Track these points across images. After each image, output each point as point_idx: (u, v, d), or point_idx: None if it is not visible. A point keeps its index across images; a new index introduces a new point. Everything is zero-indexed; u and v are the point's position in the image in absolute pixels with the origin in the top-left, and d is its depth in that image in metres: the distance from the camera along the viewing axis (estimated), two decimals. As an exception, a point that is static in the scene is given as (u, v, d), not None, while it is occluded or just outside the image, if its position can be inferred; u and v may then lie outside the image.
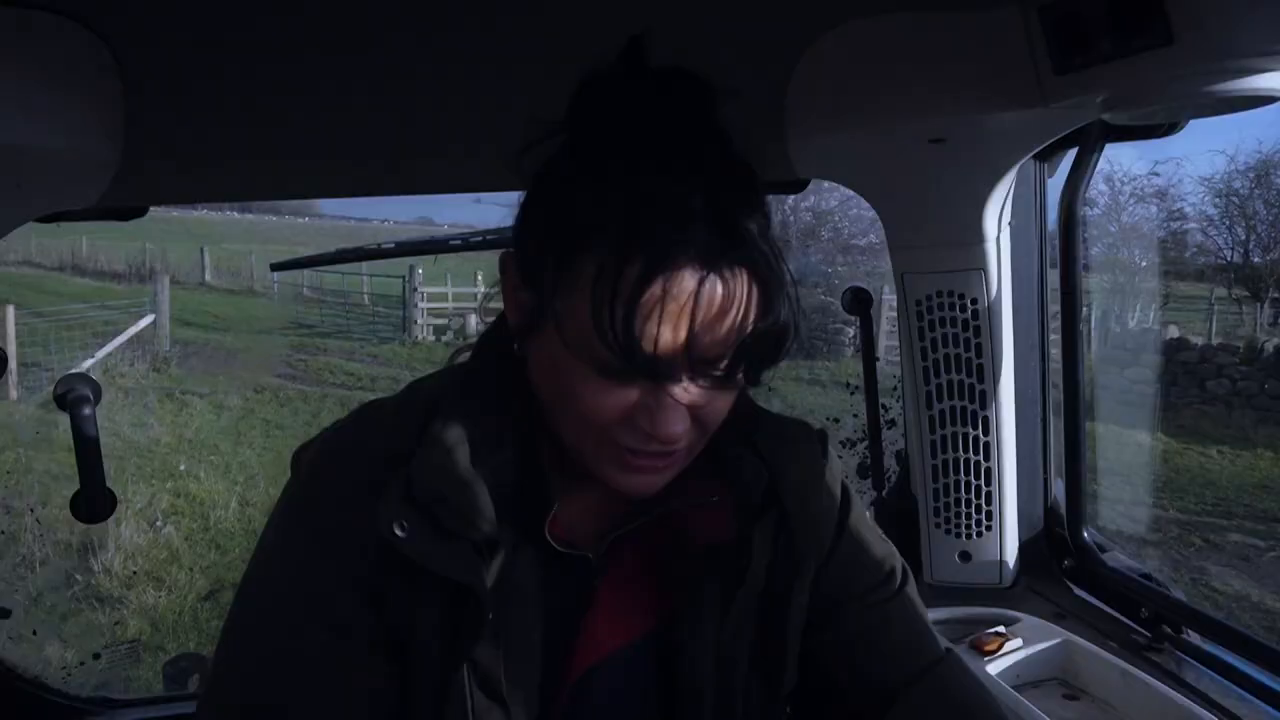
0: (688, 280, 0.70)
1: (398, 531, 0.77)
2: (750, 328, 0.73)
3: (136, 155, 1.15)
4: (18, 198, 1.15)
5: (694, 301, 0.70)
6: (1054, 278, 1.66)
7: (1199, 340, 10.45)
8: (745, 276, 0.72)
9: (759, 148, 1.34)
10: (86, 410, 1.45)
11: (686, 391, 0.75)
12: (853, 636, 0.92)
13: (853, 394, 2.05)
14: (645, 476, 0.79)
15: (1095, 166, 1.49)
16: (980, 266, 1.49)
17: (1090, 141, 1.46)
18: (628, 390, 0.75)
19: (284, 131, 1.28)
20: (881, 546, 0.97)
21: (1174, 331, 10.63)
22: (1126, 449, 8.43)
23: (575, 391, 0.76)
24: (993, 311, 1.53)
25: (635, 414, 0.76)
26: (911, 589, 0.97)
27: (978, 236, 1.45)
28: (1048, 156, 1.58)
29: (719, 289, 0.71)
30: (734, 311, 0.72)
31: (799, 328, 0.76)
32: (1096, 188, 11.62)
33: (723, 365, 0.75)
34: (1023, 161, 1.37)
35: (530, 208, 0.80)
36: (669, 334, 0.70)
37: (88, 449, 1.46)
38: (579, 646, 0.86)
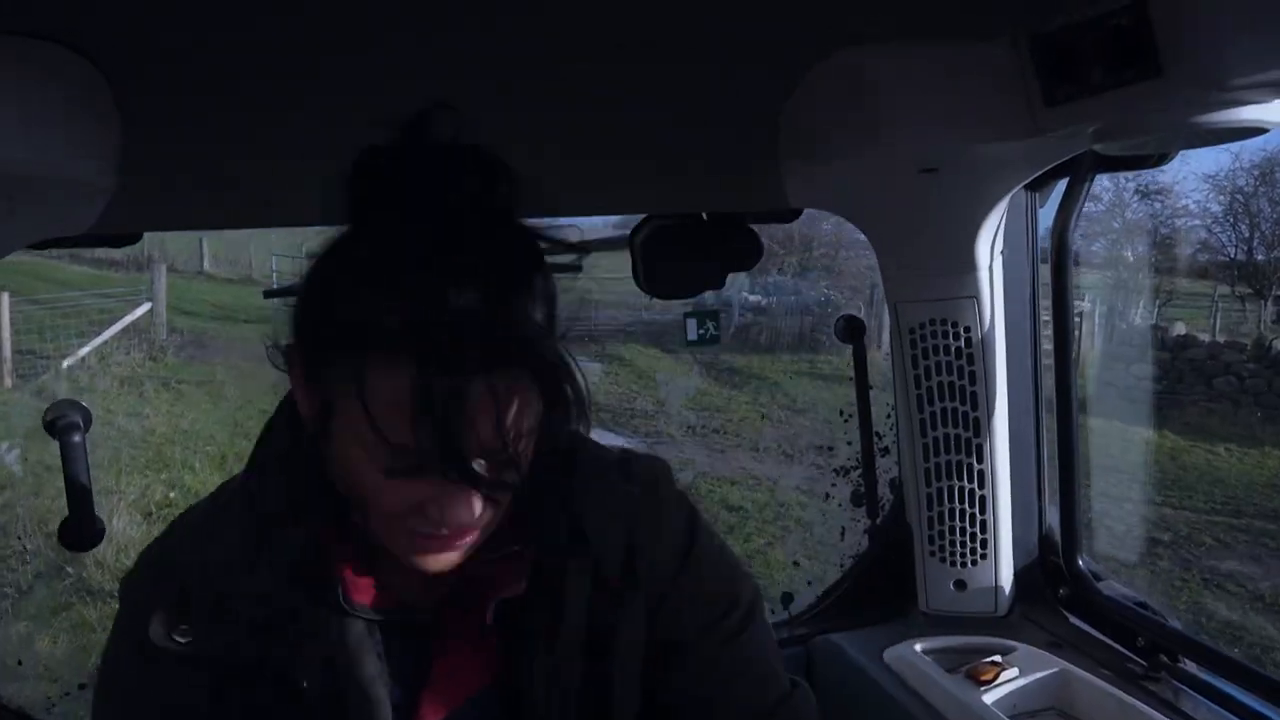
0: (463, 386, 0.70)
1: (179, 640, 0.81)
2: (530, 427, 0.75)
3: (131, 181, 1.14)
4: (10, 223, 1.14)
5: (471, 407, 0.70)
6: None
7: (1205, 337, 10.43)
8: (524, 379, 0.73)
9: (752, 177, 1.35)
10: (76, 438, 1.45)
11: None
12: (699, 676, 0.92)
13: (848, 419, 2.03)
14: (443, 555, 0.81)
15: (1086, 196, 1.48)
16: (973, 295, 1.48)
17: (1081, 171, 1.46)
18: (416, 484, 0.76)
19: (280, 159, 1.26)
20: (732, 579, 0.96)
21: (1180, 328, 10.61)
22: (1132, 447, 8.43)
23: (365, 486, 0.77)
24: (986, 339, 1.52)
25: (425, 505, 0.77)
26: (762, 621, 0.97)
27: (970, 265, 1.44)
28: (1039, 186, 1.58)
29: (498, 394, 0.72)
30: (513, 413, 0.73)
31: (584, 423, 0.77)
32: (1100, 184, 11.58)
33: (508, 463, 0.76)
34: (1015, 191, 1.36)
35: (306, 300, 0.80)
36: (447, 440, 0.71)
37: (77, 477, 1.45)
38: (422, 709, 0.87)
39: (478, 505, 0.78)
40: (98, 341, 10.64)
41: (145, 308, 11.69)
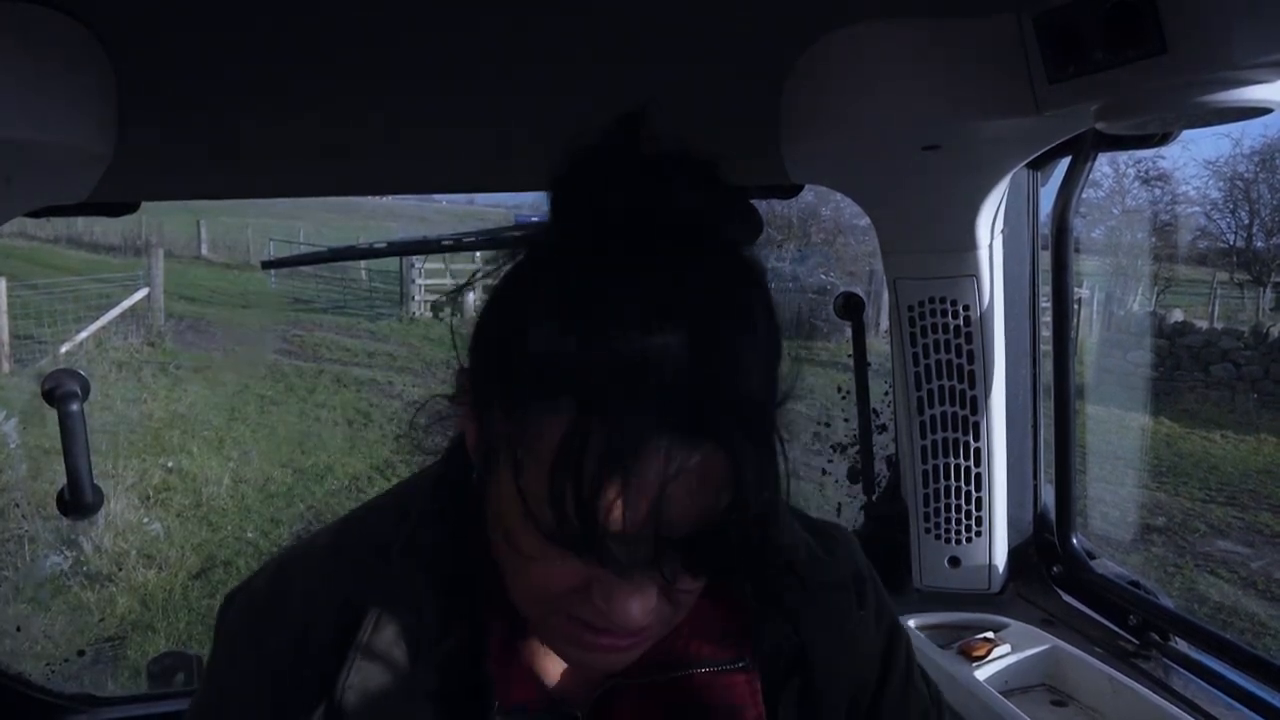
0: (656, 463, 0.57)
1: None
2: (723, 514, 0.60)
3: (129, 150, 1.13)
4: (8, 191, 1.14)
5: (662, 488, 0.58)
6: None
7: (1203, 324, 10.44)
8: (723, 457, 0.59)
9: (753, 151, 1.35)
10: (74, 406, 1.46)
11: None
12: None
13: (845, 396, 2.03)
14: (604, 655, 0.68)
15: (1088, 175, 1.48)
16: (973, 273, 1.48)
17: (1083, 150, 1.45)
18: (578, 563, 0.63)
19: (277, 129, 1.26)
20: (921, 700, 0.87)
21: (1178, 315, 10.62)
22: (1129, 433, 8.44)
23: (525, 554, 0.65)
24: (984, 318, 1.52)
25: (591, 588, 0.64)
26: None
27: (971, 243, 1.44)
28: (1041, 165, 1.58)
29: (694, 472, 0.58)
30: (707, 496, 0.60)
31: (775, 515, 0.63)
32: (1100, 170, 11.56)
33: (690, 554, 0.62)
34: (1016, 169, 1.35)
35: (486, 320, 0.68)
36: (632, 519, 0.59)
37: (75, 445, 1.45)
38: None
39: (653, 599, 0.64)
40: (95, 326, 10.62)
41: (143, 293, 11.67)
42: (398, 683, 0.70)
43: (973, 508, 1.63)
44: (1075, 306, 1.70)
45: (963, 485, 1.62)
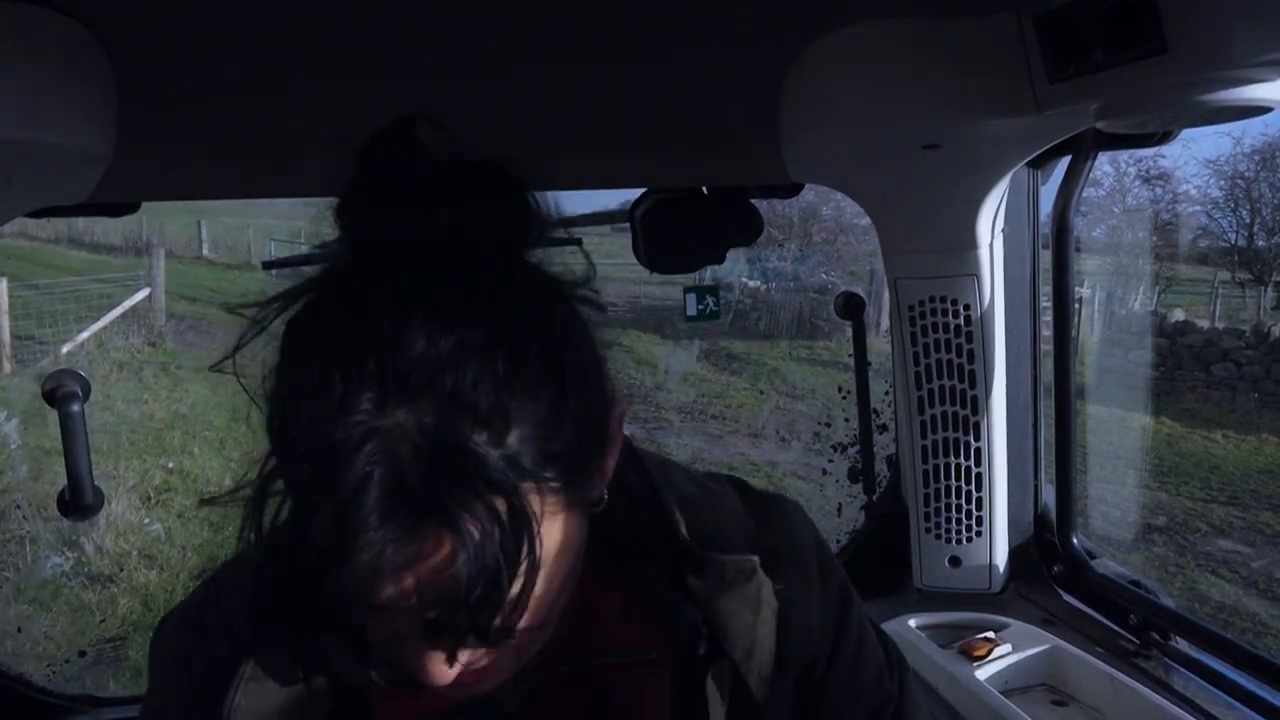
0: (375, 549, 0.54)
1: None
2: (465, 593, 0.56)
3: (129, 150, 1.13)
4: (8, 192, 1.14)
5: (386, 572, 0.55)
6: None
7: (1204, 323, 10.44)
8: (455, 543, 0.54)
9: (753, 151, 1.35)
10: (75, 407, 1.46)
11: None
12: None
13: (845, 396, 2.04)
14: (452, 690, 0.63)
15: (1088, 175, 1.48)
16: (973, 273, 1.48)
17: (1083, 149, 1.45)
18: None
19: (277, 129, 1.26)
20: (877, 664, 0.85)
21: (1179, 314, 10.62)
22: (1130, 432, 8.44)
23: None
24: (985, 317, 1.52)
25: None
26: (911, 686, 0.86)
27: (971, 242, 1.44)
28: (1041, 164, 1.58)
29: (422, 558, 0.55)
30: (442, 578, 0.56)
31: (499, 594, 0.57)
32: (1101, 169, 11.57)
33: (450, 630, 0.58)
34: (1016, 168, 1.35)
35: (271, 369, 0.63)
36: (367, 598, 0.56)
37: (76, 445, 1.46)
38: None
39: (450, 667, 0.62)
40: (96, 327, 10.62)
41: (144, 293, 11.66)
42: (291, 697, 0.70)
43: (973, 507, 1.63)
44: (1076, 306, 1.70)
45: (963, 485, 1.62)
